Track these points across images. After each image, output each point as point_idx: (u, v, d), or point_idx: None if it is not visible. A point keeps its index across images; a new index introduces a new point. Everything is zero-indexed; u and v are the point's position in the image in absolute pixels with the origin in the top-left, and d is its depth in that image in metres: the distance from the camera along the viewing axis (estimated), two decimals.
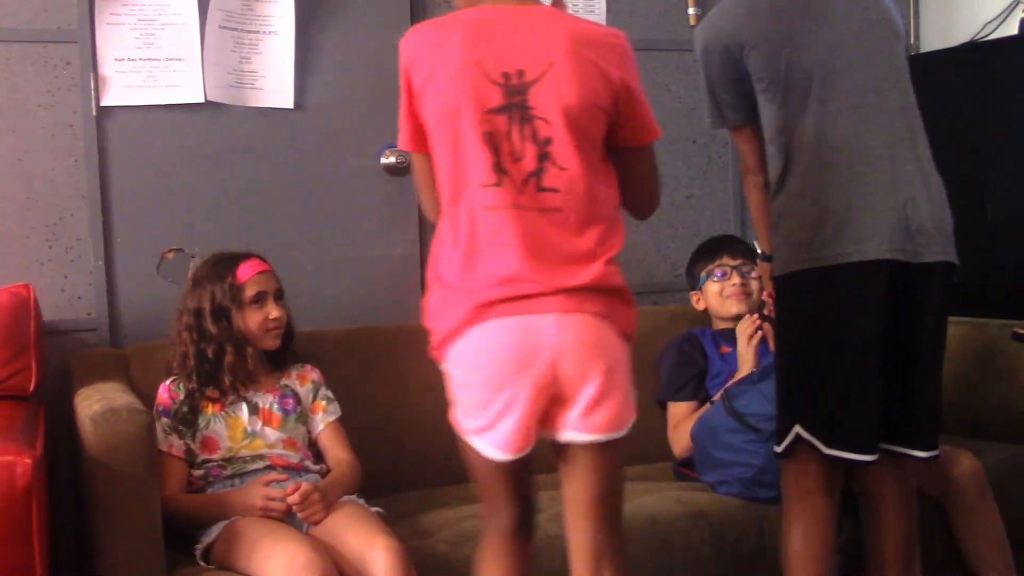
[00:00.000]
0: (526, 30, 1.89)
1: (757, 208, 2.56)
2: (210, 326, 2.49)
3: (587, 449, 1.90)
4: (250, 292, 2.52)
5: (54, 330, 2.78)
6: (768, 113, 2.37)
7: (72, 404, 2.42)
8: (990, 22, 3.52)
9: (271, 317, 2.54)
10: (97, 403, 2.22)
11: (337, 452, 2.59)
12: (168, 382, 2.53)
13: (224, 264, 2.55)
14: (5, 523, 1.99)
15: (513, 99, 1.85)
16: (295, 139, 3.04)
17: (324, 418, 2.62)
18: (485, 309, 1.83)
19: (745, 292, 3.06)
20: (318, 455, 2.61)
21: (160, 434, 2.41)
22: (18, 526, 2.01)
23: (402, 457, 2.89)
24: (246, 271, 2.54)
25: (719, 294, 3.09)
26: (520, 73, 1.86)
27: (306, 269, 3.03)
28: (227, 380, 2.49)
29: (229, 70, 2.96)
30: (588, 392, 1.85)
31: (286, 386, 2.61)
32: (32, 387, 2.52)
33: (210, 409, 2.50)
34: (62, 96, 2.83)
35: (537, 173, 1.85)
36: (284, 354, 2.63)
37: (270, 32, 3.00)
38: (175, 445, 2.46)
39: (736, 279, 3.08)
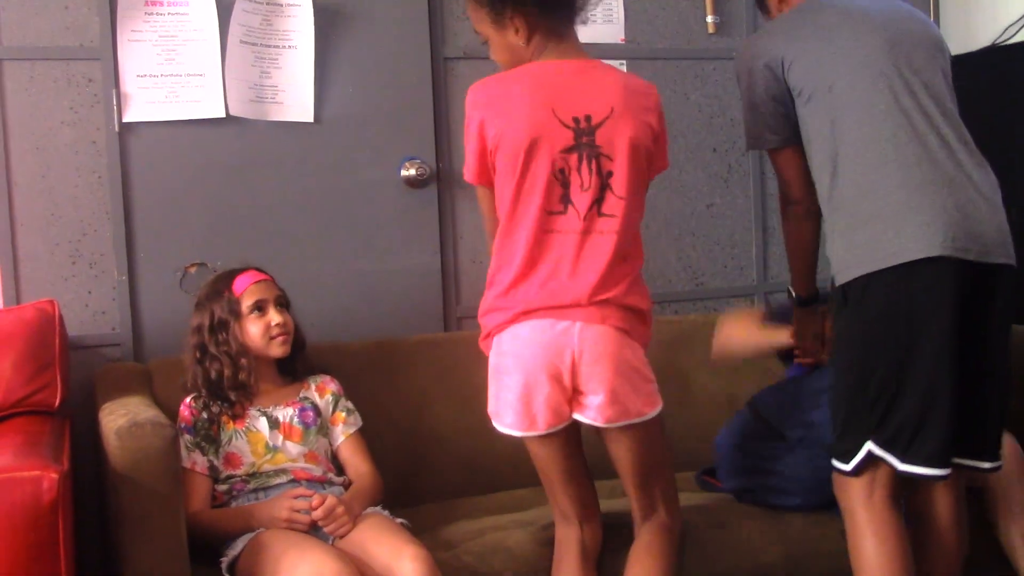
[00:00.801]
0: (588, 81, 2.22)
1: (797, 242, 2.51)
2: (211, 344, 2.53)
3: (612, 432, 2.25)
4: (248, 302, 2.55)
5: (78, 345, 2.80)
6: (813, 122, 2.35)
7: (97, 418, 2.43)
8: (1011, 26, 3.50)
9: (273, 323, 2.55)
10: (122, 417, 2.23)
11: (358, 464, 2.59)
12: (189, 399, 2.54)
13: (221, 281, 2.60)
14: (32, 537, 2.00)
15: (582, 139, 2.18)
16: (315, 152, 3.06)
17: (344, 430, 2.63)
18: (528, 313, 2.19)
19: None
20: (339, 467, 2.61)
21: (183, 451, 2.42)
22: (44, 541, 2.01)
23: (423, 469, 2.89)
24: (242, 283, 2.57)
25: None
26: (588, 118, 2.18)
27: (326, 282, 3.04)
28: (232, 396, 2.51)
29: (250, 85, 2.98)
30: (601, 389, 2.18)
31: (305, 398, 2.61)
32: (57, 402, 2.53)
33: (231, 425, 2.51)
34: (85, 113, 2.86)
35: (599, 201, 2.19)
36: (298, 365, 2.64)
37: (290, 47, 3.02)
38: (198, 462, 2.47)
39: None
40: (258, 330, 2.54)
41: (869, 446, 2.24)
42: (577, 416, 2.22)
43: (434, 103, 3.16)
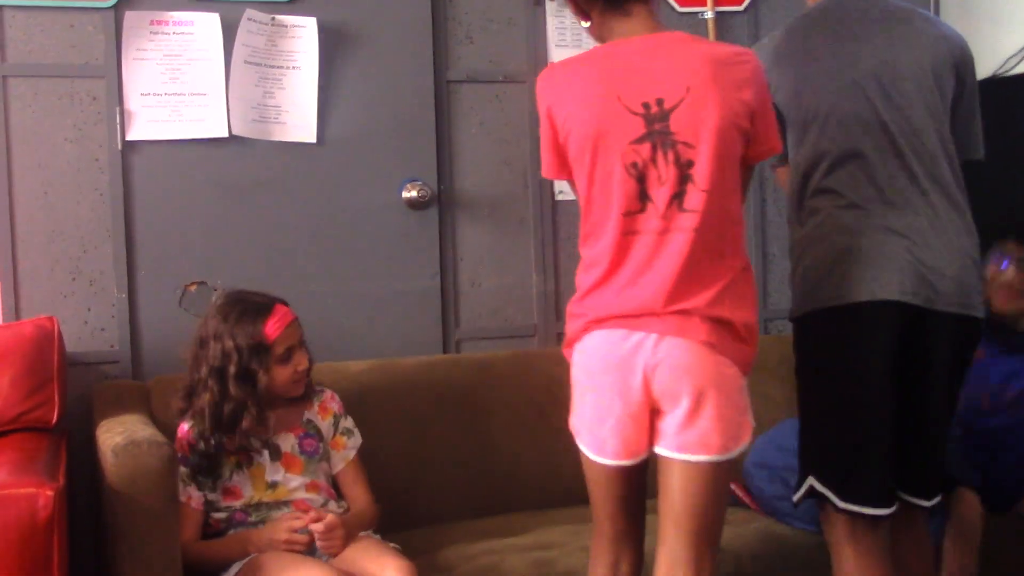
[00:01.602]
0: (660, 59, 1.98)
1: None
2: (233, 387, 2.37)
3: (679, 466, 1.99)
4: (279, 350, 2.42)
5: (77, 362, 2.79)
6: (791, 154, 2.37)
7: (94, 436, 2.43)
8: (1011, 57, 3.51)
9: (299, 369, 2.47)
10: (119, 435, 2.23)
11: (357, 493, 2.57)
12: (187, 427, 2.45)
13: (248, 318, 2.42)
14: (27, 555, 2.00)
15: (655, 127, 1.95)
16: (317, 173, 3.06)
17: (344, 456, 2.59)
18: (600, 321, 1.99)
19: (1019, 292, 2.80)
20: (338, 489, 2.60)
21: (178, 484, 2.31)
22: (39, 558, 2.01)
23: (419, 491, 2.88)
24: (274, 327, 2.42)
25: (988, 283, 2.80)
26: (659, 102, 1.95)
27: (326, 302, 3.04)
28: (246, 442, 2.41)
29: (253, 105, 2.99)
30: (679, 412, 1.96)
31: (309, 422, 2.56)
32: (55, 419, 2.52)
33: (232, 459, 2.44)
34: (88, 130, 2.86)
35: (680, 195, 1.95)
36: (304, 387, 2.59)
37: (294, 67, 3.03)
38: (193, 496, 2.41)
39: (1012, 274, 2.80)
40: (286, 376, 2.44)
41: (811, 481, 2.27)
42: (658, 450, 1.99)
43: (437, 125, 3.17)
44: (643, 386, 1.95)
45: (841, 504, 2.23)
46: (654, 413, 1.99)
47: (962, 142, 2.37)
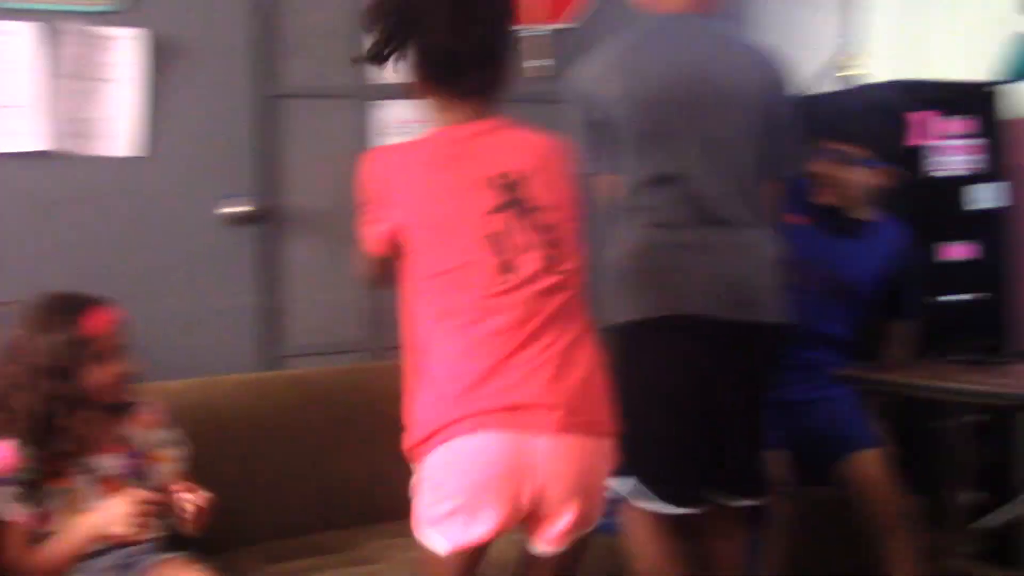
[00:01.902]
0: (502, 137, 1.98)
1: None
2: (46, 385, 2.22)
3: (555, 547, 1.95)
4: (95, 348, 2.27)
5: None
6: (616, 169, 2.44)
7: None
8: (814, 76, 3.68)
9: (117, 372, 2.32)
10: None
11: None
12: (5, 445, 2.25)
13: (65, 314, 2.28)
14: None
15: (509, 196, 1.92)
16: (138, 188, 3.00)
17: (170, 468, 2.46)
18: (481, 417, 1.83)
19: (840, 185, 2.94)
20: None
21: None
22: None
23: (246, 510, 2.81)
24: (91, 323, 2.28)
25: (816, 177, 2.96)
26: (507, 174, 1.93)
27: (145, 320, 2.94)
28: (63, 447, 2.24)
29: (70, 118, 2.91)
30: (566, 518, 1.89)
31: (129, 439, 2.42)
32: None
33: (49, 483, 2.24)
34: None
35: (546, 262, 1.91)
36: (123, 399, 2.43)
37: (113, 79, 2.97)
38: (17, 513, 2.21)
39: (830, 167, 2.94)
40: (105, 377, 2.29)
41: (631, 481, 2.38)
42: (535, 546, 1.95)
43: (261, 141, 3.16)
44: (533, 495, 1.86)
45: (648, 505, 2.36)
46: (532, 514, 1.90)
47: (777, 160, 2.50)
